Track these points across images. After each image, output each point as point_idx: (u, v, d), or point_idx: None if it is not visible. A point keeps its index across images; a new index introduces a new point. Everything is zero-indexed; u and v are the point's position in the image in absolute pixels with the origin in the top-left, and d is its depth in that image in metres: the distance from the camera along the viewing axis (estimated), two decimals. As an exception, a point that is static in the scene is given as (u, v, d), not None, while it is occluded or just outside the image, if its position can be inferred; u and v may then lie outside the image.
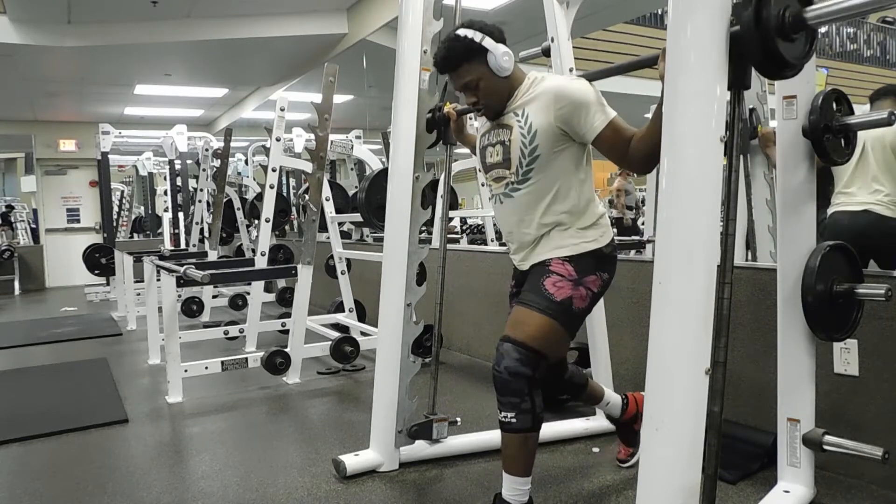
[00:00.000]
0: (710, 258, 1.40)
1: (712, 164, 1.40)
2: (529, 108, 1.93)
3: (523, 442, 1.88)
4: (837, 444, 1.88)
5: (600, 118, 1.85)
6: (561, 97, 1.87)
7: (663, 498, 1.41)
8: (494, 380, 1.87)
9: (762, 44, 1.41)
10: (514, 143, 1.95)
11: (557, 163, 1.93)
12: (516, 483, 1.90)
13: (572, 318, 1.93)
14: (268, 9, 6.12)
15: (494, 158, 2.03)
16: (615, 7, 6.19)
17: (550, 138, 1.90)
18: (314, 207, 3.84)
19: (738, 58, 1.42)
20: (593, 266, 1.96)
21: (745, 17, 1.40)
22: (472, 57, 1.95)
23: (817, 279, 1.80)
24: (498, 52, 1.93)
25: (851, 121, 1.85)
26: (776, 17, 1.41)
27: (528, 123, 1.92)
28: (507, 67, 1.94)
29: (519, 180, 1.97)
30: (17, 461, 2.74)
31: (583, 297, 1.93)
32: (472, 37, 1.94)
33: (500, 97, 1.98)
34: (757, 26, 1.39)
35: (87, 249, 7.64)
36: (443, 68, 2.04)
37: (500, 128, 2.01)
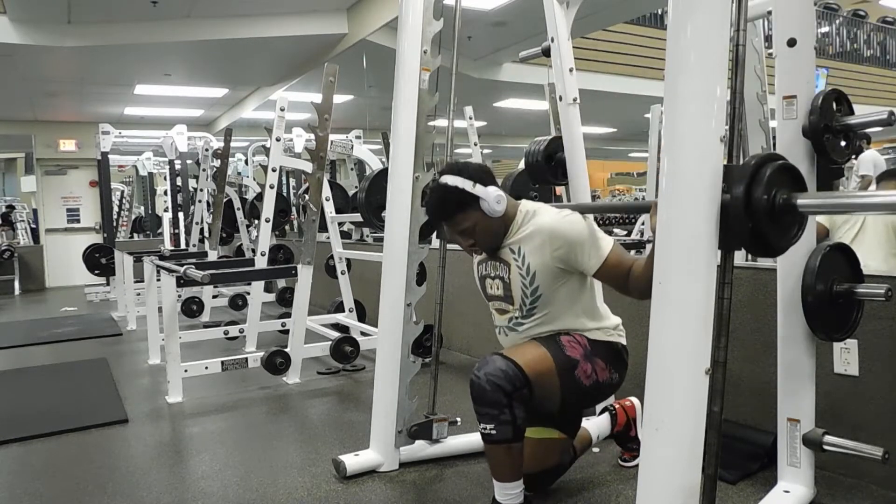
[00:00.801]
0: (710, 258, 1.40)
1: (712, 164, 1.40)
2: (525, 247, 1.95)
3: (506, 451, 1.87)
4: (837, 444, 1.88)
5: (596, 257, 1.88)
6: (556, 238, 1.90)
7: (663, 498, 1.41)
8: (471, 386, 1.85)
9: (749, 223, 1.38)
10: (513, 282, 1.98)
11: (559, 297, 1.96)
12: (506, 488, 1.91)
13: (570, 378, 1.92)
14: (268, 9, 6.12)
15: (495, 292, 2.06)
16: (615, 7, 6.19)
17: (549, 276, 1.93)
18: (314, 207, 3.84)
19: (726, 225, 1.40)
20: (606, 355, 1.99)
21: (735, 193, 1.38)
22: (465, 206, 1.95)
23: (817, 279, 1.79)
24: (490, 198, 1.93)
25: (851, 121, 1.85)
26: (766, 201, 1.39)
27: (525, 264, 1.95)
28: (500, 211, 1.95)
29: (524, 315, 2.00)
30: (17, 461, 2.74)
31: (587, 373, 1.93)
32: (464, 187, 1.93)
33: (495, 236, 2.00)
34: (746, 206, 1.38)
35: (87, 249, 7.64)
36: (437, 218, 2.07)
37: (497, 261, 2.03)
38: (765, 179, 1.39)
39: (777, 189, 1.41)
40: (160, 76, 7.90)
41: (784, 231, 1.47)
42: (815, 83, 1.88)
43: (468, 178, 1.94)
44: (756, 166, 1.40)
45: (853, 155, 1.99)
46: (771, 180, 1.40)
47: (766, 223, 1.39)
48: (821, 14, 11.65)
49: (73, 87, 8.28)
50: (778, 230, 1.44)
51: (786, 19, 1.88)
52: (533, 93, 7.15)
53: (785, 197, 1.42)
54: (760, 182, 1.39)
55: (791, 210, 1.43)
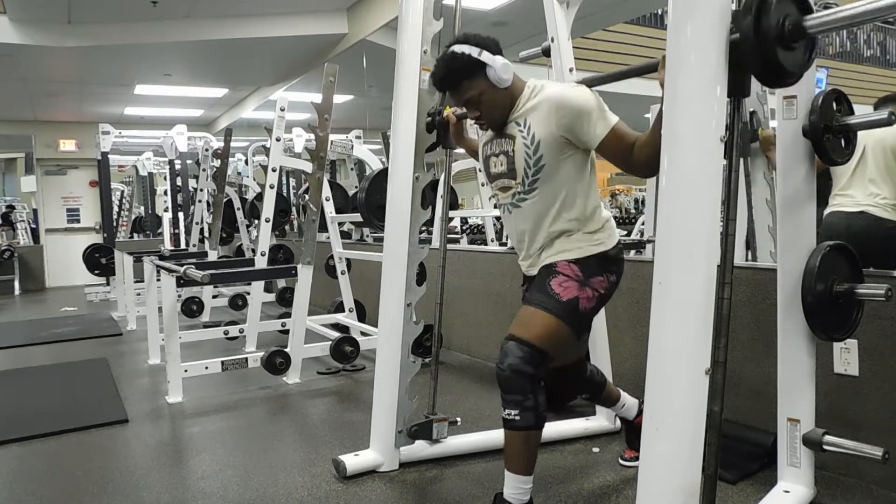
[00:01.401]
0: (710, 258, 1.40)
1: (712, 164, 1.40)
2: (531, 117, 1.93)
3: (525, 440, 1.88)
4: (837, 444, 1.88)
5: (602, 125, 1.85)
6: (562, 106, 1.88)
7: (663, 498, 1.41)
8: (498, 377, 1.87)
9: (762, 53, 1.40)
10: (518, 154, 1.96)
11: (563, 171, 1.94)
12: (518, 482, 1.91)
13: (578, 318, 1.93)
14: (268, 9, 6.12)
15: (499, 168, 2.04)
16: (615, 7, 6.18)
17: (554, 147, 1.91)
18: (314, 207, 3.84)
19: (737, 66, 1.41)
20: (599, 268, 1.97)
21: (744, 25, 1.40)
22: (471, 73, 1.94)
23: (817, 279, 1.80)
24: (497, 65, 1.92)
25: (851, 121, 1.85)
26: (776, 26, 1.41)
27: (530, 134, 1.92)
28: (507, 79, 1.93)
29: (525, 190, 1.98)
30: (17, 461, 2.74)
31: (589, 297, 1.93)
32: (470, 52, 1.92)
33: (502, 109, 1.98)
34: (756, 35, 1.39)
35: (87, 249, 7.64)
36: (443, 86, 2.05)
37: (502, 137, 2.01)
38: (772, 6, 1.40)
39: (785, 15, 1.43)
40: (160, 76, 7.90)
41: (796, 54, 1.48)
42: (815, 83, 1.87)
43: (475, 45, 1.94)
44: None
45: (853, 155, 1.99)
46: (778, 7, 1.41)
47: (778, 48, 1.41)
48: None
49: (73, 87, 8.28)
50: (790, 54, 1.45)
51: (786, 19, 1.88)
52: (533, 93, 7.13)
53: (794, 20, 1.43)
54: (768, 10, 1.40)
55: (800, 31, 1.44)
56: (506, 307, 3.77)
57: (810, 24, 1.45)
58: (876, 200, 2.98)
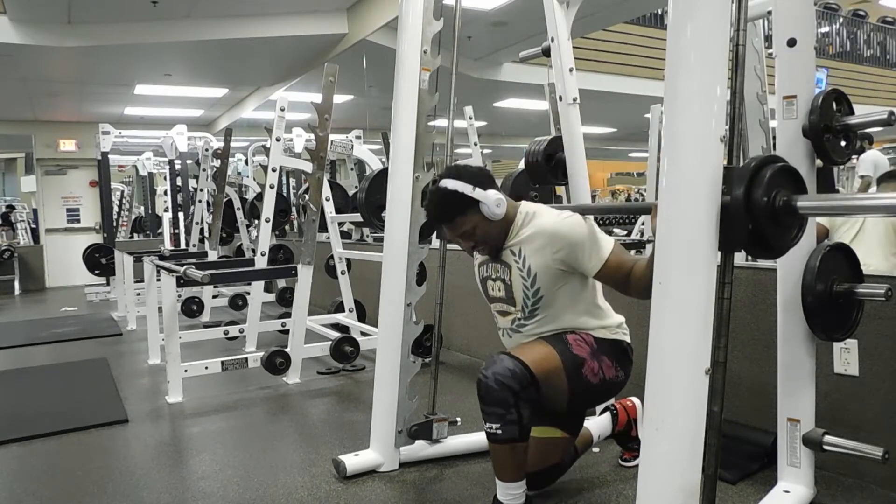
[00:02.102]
0: (710, 258, 1.40)
1: (712, 164, 1.40)
2: (526, 248, 1.95)
3: (511, 451, 1.87)
4: (837, 444, 1.88)
5: (597, 258, 1.88)
6: (556, 240, 1.90)
7: (663, 498, 1.41)
8: (478, 386, 1.85)
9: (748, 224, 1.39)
10: (515, 284, 1.98)
11: (561, 297, 1.97)
12: (509, 488, 1.91)
13: (577, 376, 1.92)
14: (268, 9, 6.12)
15: (497, 293, 2.07)
16: (615, 7, 6.19)
17: (550, 278, 1.94)
18: (314, 207, 3.84)
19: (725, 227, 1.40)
20: (612, 353, 1.99)
21: (735, 195, 1.38)
22: (465, 209, 1.95)
23: (817, 279, 1.79)
24: (490, 201, 1.93)
25: (851, 121, 1.85)
26: (766, 202, 1.39)
27: (526, 266, 1.95)
28: (500, 213, 1.95)
29: (526, 317, 2.01)
30: (17, 461, 2.74)
31: (594, 371, 1.94)
32: (464, 191, 1.94)
33: (496, 239, 2.01)
34: (746, 207, 1.38)
35: (87, 249, 7.64)
36: (437, 222, 2.07)
37: (498, 263, 2.04)
38: (765, 181, 1.39)
39: (777, 191, 1.41)
40: (160, 76, 7.90)
41: (784, 232, 1.47)
42: (815, 83, 1.87)
43: (468, 181, 1.95)
44: (756, 168, 1.40)
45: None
46: (771, 182, 1.40)
47: (766, 225, 1.40)
48: (821, 14, 11.65)
49: (73, 87, 8.27)
50: (778, 232, 1.44)
51: (786, 19, 1.88)
52: (533, 93, 7.14)
53: (785, 199, 1.42)
54: (760, 184, 1.39)
55: (791, 212, 1.43)
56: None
57: (801, 205, 1.43)
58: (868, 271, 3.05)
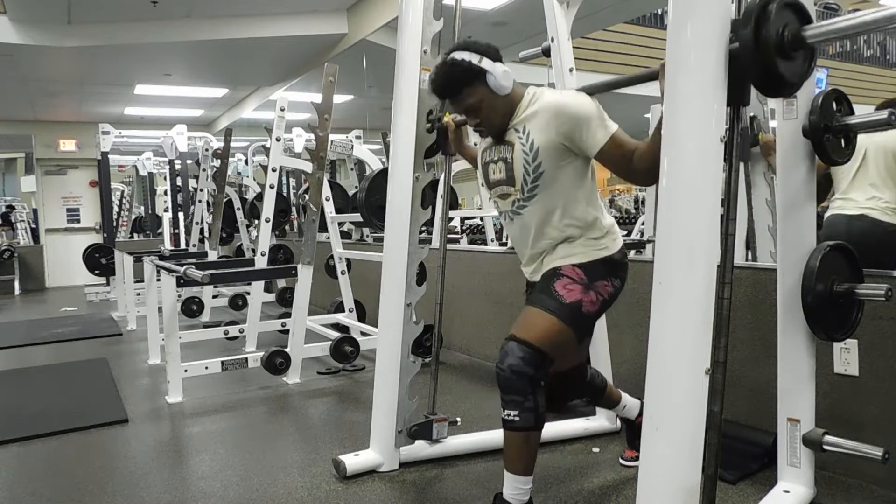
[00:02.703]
0: (710, 258, 1.40)
1: (712, 164, 1.40)
2: (530, 124, 1.93)
3: (525, 440, 1.88)
4: (837, 444, 1.88)
5: (602, 133, 1.85)
6: (562, 113, 1.87)
7: (663, 498, 1.41)
8: (497, 378, 1.87)
9: (761, 62, 1.40)
10: (516, 161, 1.96)
11: (562, 178, 1.94)
12: (517, 482, 1.90)
13: (581, 321, 1.93)
14: (268, 9, 6.12)
15: (497, 175, 2.04)
16: (615, 7, 6.18)
17: (553, 154, 1.91)
18: (314, 207, 3.84)
19: (736, 74, 1.41)
20: (604, 272, 1.97)
21: (743, 35, 1.39)
22: (472, 80, 1.93)
23: (817, 279, 1.79)
24: (497, 72, 1.91)
25: (851, 121, 1.84)
26: (775, 36, 1.41)
27: (529, 141, 1.92)
28: (507, 86, 1.93)
29: (525, 197, 1.98)
30: (17, 461, 2.74)
31: (593, 301, 1.93)
32: (471, 59, 1.92)
33: (502, 116, 1.98)
34: (755, 44, 1.39)
35: (87, 249, 7.64)
36: (443, 94, 2.04)
37: (501, 144, 2.01)
38: (771, 16, 1.40)
39: (784, 24, 1.43)
40: (160, 76, 7.91)
41: (796, 65, 1.48)
42: (815, 83, 1.87)
43: (475, 52, 1.93)
44: (761, 5, 1.41)
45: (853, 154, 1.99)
46: (778, 16, 1.41)
47: (777, 58, 1.41)
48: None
49: (73, 87, 8.28)
50: (790, 65, 1.45)
51: (786, 19, 1.88)
52: (533, 93, 7.13)
53: (793, 30, 1.43)
54: (768, 18, 1.40)
55: (800, 42, 1.44)
56: (506, 307, 3.77)
57: (809, 34, 1.44)
58: (877, 203, 2.97)
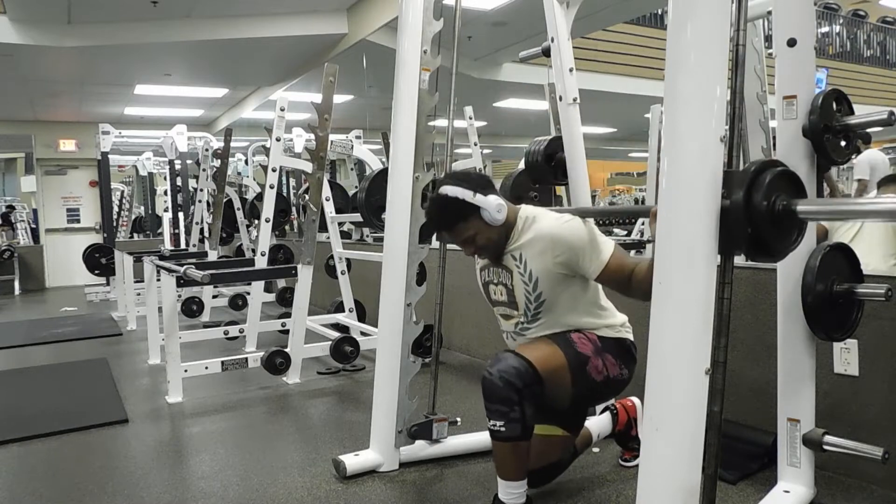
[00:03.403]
0: (710, 258, 1.40)
1: (712, 164, 1.40)
2: (526, 252, 1.95)
3: (513, 449, 1.87)
4: (837, 444, 1.88)
5: (597, 261, 1.89)
6: (557, 244, 1.91)
7: (663, 498, 1.41)
8: (483, 382, 1.86)
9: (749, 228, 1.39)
10: (517, 289, 1.99)
11: (564, 298, 1.97)
12: (510, 487, 1.91)
13: (581, 375, 1.93)
14: (268, 9, 6.12)
15: (499, 297, 2.07)
16: (615, 7, 6.18)
17: (552, 281, 1.94)
18: (314, 207, 3.84)
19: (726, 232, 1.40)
20: (616, 352, 2.00)
21: (734, 199, 1.39)
22: (466, 216, 1.95)
23: (817, 279, 1.79)
24: (491, 207, 1.93)
25: (851, 121, 1.84)
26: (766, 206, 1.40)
27: (527, 271, 1.95)
28: (500, 219, 1.95)
29: (529, 320, 2.01)
30: (17, 461, 2.74)
31: (598, 368, 1.94)
32: (464, 197, 1.93)
33: (497, 243, 2.01)
34: (746, 211, 1.38)
35: (87, 249, 7.63)
36: (438, 228, 2.08)
37: (499, 267, 2.04)
38: (764, 185, 1.40)
39: (777, 195, 1.42)
40: (160, 76, 7.90)
41: (784, 236, 1.47)
42: (814, 83, 1.87)
43: (468, 187, 1.95)
44: (756, 172, 1.41)
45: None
46: (770, 186, 1.40)
47: (765, 228, 1.40)
48: (821, 14, 11.64)
49: (73, 87, 8.27)
50: (778, 235, 1.45)
51: (786, 19, 1.88)
52: (533, 93, 7.13)
53: (784, 203, 1.42)
54: (760, 188, 1.39)
55: (791, 216, 1.44)
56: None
57: (801, 209, 1.44)
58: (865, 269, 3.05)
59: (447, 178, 2.04)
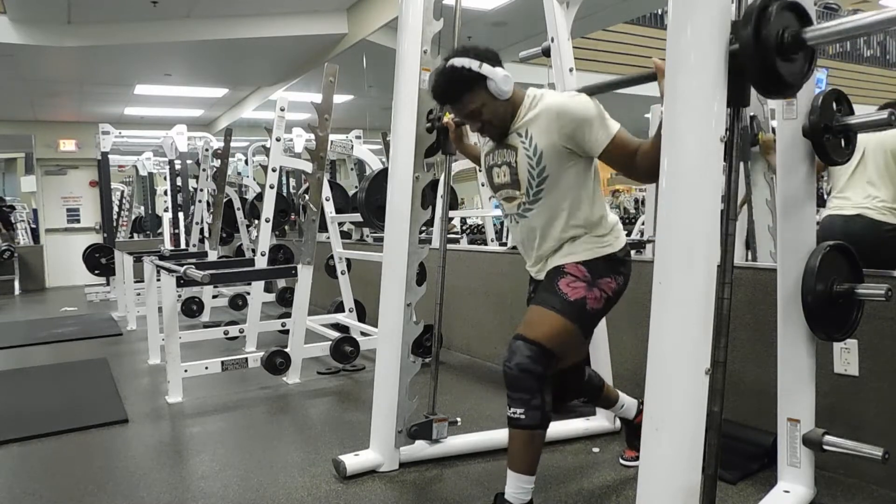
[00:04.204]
0: (710, 258, 1.40)
1: (712, 164, 1.40)
2: (532, 128, 1.93)
3: (530, 439, 1.88)
4: (837, 444, 1.88)
5: (604, 134, 1.86)
6: (563, 115, 1.88)
7: (663, 498, 1.41)
8: (505, 376, 1.88)
9: (761, 63, 1.40)
10: (520, 165, 1.96)
11: (566, 179, 1.95)
12: (520, 481, 1.91)
13: (586, 319, 1.94)
14: (268, 9, 6.12)
15: (502, 179, 2.04)
16: (615, 7, 6.18)
17: (557, 157, 1.92)
18: (314, 207, 3.84)
19: (736, 75, 1.41)
20: (607, 269, 1.98)
21: (743, 35, 1.40)
22: (472, 86, 1.93)
23: (817, 279, 1.79)
24: (498, 77, 1.91)
25: (851, 121, 1.84)
26: (775, 37, 1.41)
27: (532, 145, 1.93)
28: (507, 91, 1.93)
29: (530, 200, 1.99)
30: (17, 461, 2.74)
31: (597, 297, 1.94)
32: (470, 66, 1.91)
33: (503, 120, 1.98)
34: (756, 45, 1.39)
35: (87, 249, 7.64)
36: (443, 100, 2.04)
37: (504, 148, 2.02)
38: (771, 17, 1.41)
39: (784, 26, 1.43)
40: (160, 76, 7.90)
41: (796, 66, 1.48)
42: (815, 83, 1.87)
43: (475, 57, 1.92)
44: (761, 7, 1.41)
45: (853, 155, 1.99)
46: (777, 18, 1.42)
47: (777, 59, 1.41)
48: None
49: (73, 87, 8.28)
50: (790, 66, 1.46)
51: (786, 19, 1.88)
52: (533, 93, 7.13)
53: (793, 32, 1.44)
54: (768, 20, 1.40)
55: (800, 43, 1.45)
56: (506, 307, 3.77)
57: (810, 35, 1.45)
58: (874, 203, 2.96)
59: (454, 52, 2.00)
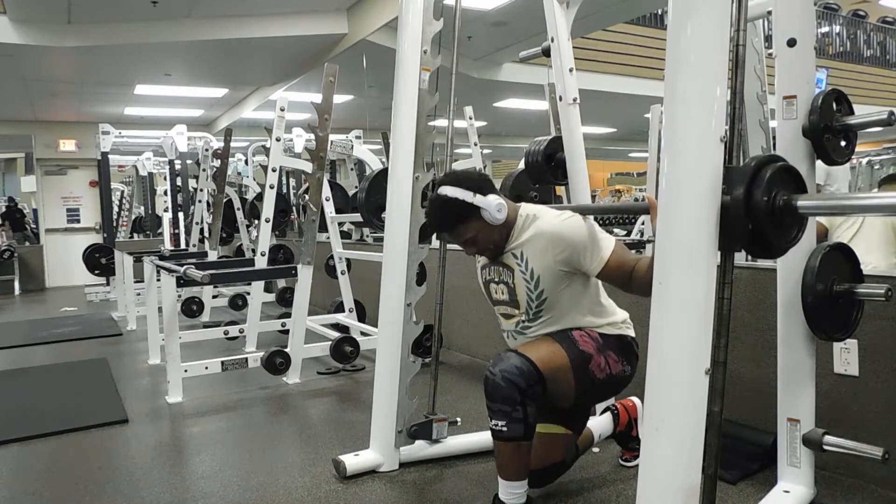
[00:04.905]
0: (710, 258, 1.40)
1: (712, 164, 1.40)
2: (527, 251, 1.95)
3: (515, 449, 1.87)
4: (837, 444, 1.88)
5: (598, 258, 1.89)
6: (557, 242, 1.91)
7: (663, 498, 1.41)
8: (485, 382, 1.86)
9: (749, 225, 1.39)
10: (518, 286, 1.98)
11: (565, 296, 1.97)
12: (511, 487, 1.91)
13: (584, 373, 1.92)
14: (268, 9, 6.12)
15: (501, 296, 2.06)
16: (615, 7, 6.18)
17: (553, 279, 1.94)
18: (314, 207, 3.84)
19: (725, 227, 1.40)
20: (618, 348, 1.99)
21: (735, 196, 1.38)
22: (466, 218, 1.95)
23: (817, 279, 1.79)
24: (491, 207, 1.92)
25: (851, 121, 1.84)
26: (766, 202, 1.39)
27: (529, 268, 1.95)
28: (501, 218, 1.94)
29: (530, 319, 2.01)
30: (17, 461, 2.74)
31: (600, 366, 1.94)
32: (464, 198, 1.93)
33: (497, 243, 2.01)
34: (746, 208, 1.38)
35: (87, 249, 7.63)
36: (439, 231, 2.08)
37: (500, 266, 2.04)
38: (765, 181, 1.39)
39: (777, 191, 1.41)
40: (160, 76, 7.90)
41: (784, 232, 1.47)
42: (815, 83, 1.87)
43: (468, 188, 1.94)
44: (756, 168, 1.40)
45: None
46: (771, 182, 1.40)
47: (766, 225, 1.40)
48: (821, 14, 11.64)
49: (73, 87, 8.27)
50: (778, 231, 1.44)
51: (786, 19, 1.88)
52: (533, 93, 7.14)
53: (785, 198, 1.42)
54: (761, 183, 1.39)
55: (791, 211, 1.43)
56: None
57: (801, 204, 1.44)
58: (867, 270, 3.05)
59: (446, 178, 2.03)
